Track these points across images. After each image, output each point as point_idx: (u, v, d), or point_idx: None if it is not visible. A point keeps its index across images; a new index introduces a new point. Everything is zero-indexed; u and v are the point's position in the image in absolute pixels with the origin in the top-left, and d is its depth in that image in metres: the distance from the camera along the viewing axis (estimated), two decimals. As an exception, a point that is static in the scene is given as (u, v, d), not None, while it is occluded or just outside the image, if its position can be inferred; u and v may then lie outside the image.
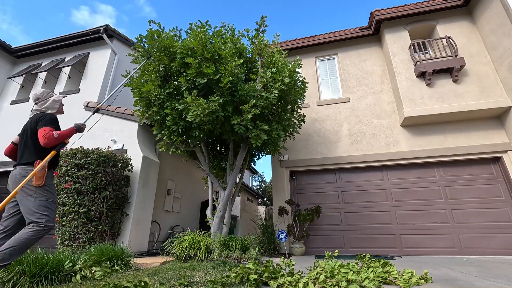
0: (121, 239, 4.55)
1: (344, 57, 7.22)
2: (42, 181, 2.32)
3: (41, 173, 2.32)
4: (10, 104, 7.42)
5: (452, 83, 5.78)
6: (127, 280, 2.17)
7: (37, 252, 2.76)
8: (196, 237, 3.94)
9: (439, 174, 5.74)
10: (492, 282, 2.46)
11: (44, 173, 2.35)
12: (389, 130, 6.17)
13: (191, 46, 4.13)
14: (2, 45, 7.73)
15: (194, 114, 3.87)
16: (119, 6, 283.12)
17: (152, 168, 5.48)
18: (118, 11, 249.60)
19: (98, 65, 7.17)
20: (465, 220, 5.29)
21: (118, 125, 5.71)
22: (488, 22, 5.86)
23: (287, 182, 6.37)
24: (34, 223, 2.20)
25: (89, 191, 4.26)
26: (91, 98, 6.57)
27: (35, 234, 2.18)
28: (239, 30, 4.79)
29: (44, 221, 2.23)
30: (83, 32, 7.30)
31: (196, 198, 8.13)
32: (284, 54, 4.88)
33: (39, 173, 2.30)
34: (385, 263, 2.72)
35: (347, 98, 6.73)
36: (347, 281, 2.13)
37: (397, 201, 5.74)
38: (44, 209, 2.28)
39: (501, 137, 5.49)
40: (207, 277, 2.51)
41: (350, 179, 6.21)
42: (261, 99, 4.17)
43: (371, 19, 6.77)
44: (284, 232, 5.05)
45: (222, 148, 5.86)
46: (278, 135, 4.60)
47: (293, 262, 2.65)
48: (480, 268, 3.33)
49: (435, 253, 5.16)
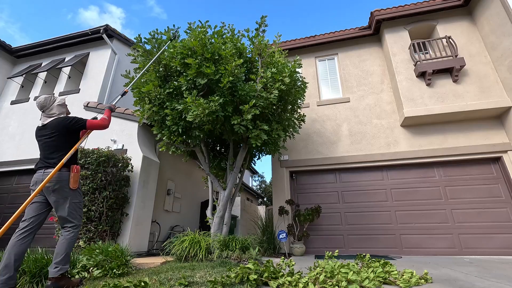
0: (121, 239, 4.55)
1: (344, 57, 7.22)
2: (77, 184, 2.49)
3: (77, 176, 2.49)
4: (10, 104, 7.42)
5: (452, 83, 5.78)
6: (127, 280, 2.17)
7: (37, 252, 2.76)
8: (196, 237, 3.94)
9: (439, 174, 5.74)
10: (492, 282, 2.46)
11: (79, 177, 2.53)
12: (389, 130, 6.17)
13: (191, 46, 4.14)
14: (2, 45, 7.73)
15: (194, 114, 3.87)
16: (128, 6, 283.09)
17: (152, 168, 5.48)
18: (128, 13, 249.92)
19: (98, 65, 7.17)
20: (465, 220, 5.28)
21: (118, 125, 5.71)
22: (488, 22, 5.86)
23: (287, 182, 6.37)
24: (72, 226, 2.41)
25: (89, 191, 4.26)
26: (91, 98, 6.57)
27: (76, 234, 2.43)
28: (239, 30, 4.79)
29: (77, 221, 2.46)
30: (83, 32, 7.31)
31: (196, 198, 8.13)
32: (284, 54, 4.88)
33: (76, 177, 2.46)
34: (385, 263, 2.72)
35: (347, 98, 6.73)
36: (347, 281, 2.12)
37: (397, 201, 5.74)
38: (79, 210, 2.50)
39: (501, 137, 5.49)
40: (207, 277, 2.51)
41: (350, 179, 6.21)
42: (261, 99, 4.17)
43: (371, 19, 6.77)
44: (284, 232, 5.05)
45: (222, 148, 5.86)
46: (278, 135, 4.60)
47: (293, 262, 2.64)
48: (480, 268, 3.32)
49: (435, 253, 5.16)
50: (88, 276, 2.70)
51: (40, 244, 3.90)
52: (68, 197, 2.40)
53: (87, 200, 4.22)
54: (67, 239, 2.35)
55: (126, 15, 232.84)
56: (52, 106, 2.64)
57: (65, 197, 2.39)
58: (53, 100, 2.68)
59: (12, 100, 7.49)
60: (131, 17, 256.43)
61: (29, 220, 2.30)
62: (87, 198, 4.23)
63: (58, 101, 2.71)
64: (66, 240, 2.34)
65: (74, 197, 2.45)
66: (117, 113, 5.76)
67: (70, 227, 2.40)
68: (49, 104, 2.64)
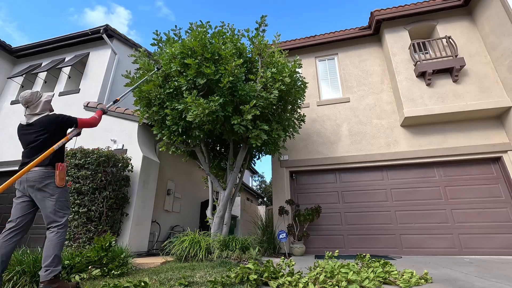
0: (121, 239, 4.55)
1: (344, 57, 7.22)
2: (64, 182, 2.41)
3: (63, 174, 2.41)
4: (10, 104, 7.42)
5: (452, 83, 5.78)
6: (127, 280, 2.17)
7: (37, 252, 2.76)
8: (196, 237, 3.94)
9: (439, 174, 5.74)
10: (492, 282, 2.46)
11: (65, 174, 2.46)
12: (389, 130, 6.17)
13: (191, 46, 4.14)
14: (2, 45, 7.73)
15: (194, 114, 3.87)
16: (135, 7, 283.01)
17: (152, 168, 5.48)
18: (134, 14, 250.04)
19: (98, 65, 7.17)
20: (465, 220, 5.28)
21: (118, 125, 5.71)
22: (488, 22, 5.86)
23: (287, 182, 6.37)
24: (57, 226, 2.31)
25: (89, 191, 4.26)
26: (91, 98, 6.57)
27: (62, 235, 2.32)
28: (239, 30, 4.80)
29: (64, 220, 2.36)
30: (83, 32, 7.30)
31: (196, 198, 8.13)
32: (284, 54, 4.88)
33: (61, 174, 2.38)
34: (385, 263, 2.72)
35: (347, 98, 6.73)
36: (347, 281, 2.12)
37: (397, 201, 5.73)
38: (65, 208, 2.41)
39: (501, 137, 5.49)
40: (207, 277, 2.51)
41: (350, 179, 6.21)
42: (261, 99, 4.17)
43: (371, 19, 6.77)
44: (284, 232, 5.05)
45: (222, 148, 5.85)
46: (278, 135, 4.60)
47: (293, 262, 2.64)
48: (480, 268, 3.32)
49: (435, 253, 5.16)
50: (87, 276, 2.69)
51: (40, 244, 3.90)
52: (54, 195, 2.32)
53: (87, 200, 4.22)
54: (53, 240, 2.25)
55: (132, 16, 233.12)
56: (38, 102, 2.50)
57: (51, 195, 2.32)
58: (39, 96, 2.54)
59: (12, 100, 7.49)
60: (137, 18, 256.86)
61: (16, 221, 2.27)
62: (87, 198, 4.23)
63: (46, 97, 2.57)
64: (52, 242, 2.24)
65: (61, 195, 2.37)
66: (117, 113, 5.76)
67: (55, 226, 2.29)
68: (35, 100, 2.50)
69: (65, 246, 4.08)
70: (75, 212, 4.15)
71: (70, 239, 4.11)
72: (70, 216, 4.12)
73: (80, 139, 4.57)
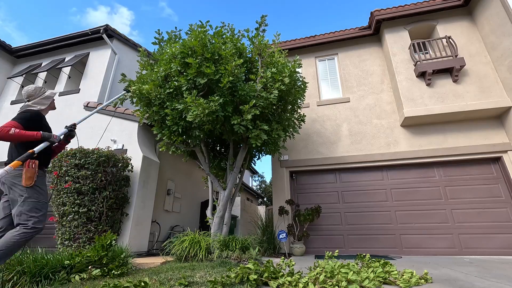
0: (121, 239, 4.55)
1: (344, 57, 7.22)
2: (32, 181, 2.24)
3: (31, 172, 2.23)
4: (10, 104, 7.42)
5: (452, 83, 5.78)
6: (127, 280, 2.17)
7: (37, 252, 2.76)
8: (196, 237, 3.94)
9: (439, 174, 5.74)
10: (492, 282, 2.46)
11: (34, 173, 2.26)
12: (389, 130, 6.17)
13: (191, 46, 4.14)
14: (2, 45, 7.73)
15: (194, 114, 3.87)
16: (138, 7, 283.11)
17: (152, 168, 5.48)
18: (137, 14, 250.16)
19: (98, 65, 7.17)
20: (465, 220, 5.28)
21: (118, 125, 5.71)
22: (488, 22, 5.86)
23: (287, 182, 6.37)
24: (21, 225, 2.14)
25: (89, 191, 4.26)
26: (91, 98, 6.57)
27: (22, 236, 2.11)
28: (239, 30, 4.81)
29: (31, 223, 2.16)
30: (83, 32, 7.31)
31: (196, 198, 8.13)
32: (284, 54, 4.88)
33: (28, 173, 2.21)
34: (385, 263, 2.72)
35: (347, 98, 6.73)
36: (347, 281, 2.12)
37: (397, 201, 5.74)
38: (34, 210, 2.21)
39: (501, 137, 5.49)
40: (207, 277, 2.51)
41: (350, 179, 6.21)
42: (261, 99, 4.17)
43: (371, 19, 6.77)
44: (284, 232, 5.05)
45: (222, 148, 5.86)
46: (278, 135, 4.60)
47: (293, 262, 2.64)
48: (480, 268, 3.33)
49: (435, 253, 5.16)
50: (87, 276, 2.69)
51: (40, 244, 3.90)
52: (22, 195, 2.19)
53: (87, 200, 4.22)
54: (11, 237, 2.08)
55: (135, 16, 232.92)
56: (36, 97, 2.48)
57: (20, 195, 2.19)
58: (43, 92, 2.54)
59: (12, 100, 7.48)
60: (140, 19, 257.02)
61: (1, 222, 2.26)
62: (87, 198, 4.23)
63: (48, 94, 2.55)
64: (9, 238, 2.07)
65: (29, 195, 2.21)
66: (117, 113, 5.76)
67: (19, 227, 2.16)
68: (37, 94, 2.49)
69: (65, 246, 4.09)
70: (75, 212, 4.14)
71: (70, 239, 4.11)
72: (70, 216, 4.11)
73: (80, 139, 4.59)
